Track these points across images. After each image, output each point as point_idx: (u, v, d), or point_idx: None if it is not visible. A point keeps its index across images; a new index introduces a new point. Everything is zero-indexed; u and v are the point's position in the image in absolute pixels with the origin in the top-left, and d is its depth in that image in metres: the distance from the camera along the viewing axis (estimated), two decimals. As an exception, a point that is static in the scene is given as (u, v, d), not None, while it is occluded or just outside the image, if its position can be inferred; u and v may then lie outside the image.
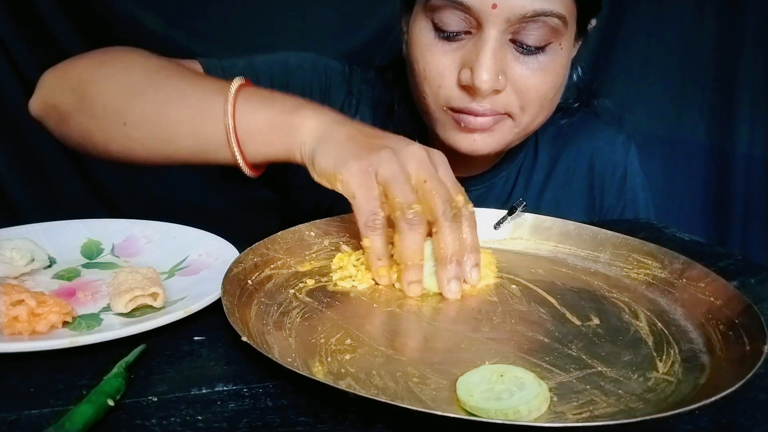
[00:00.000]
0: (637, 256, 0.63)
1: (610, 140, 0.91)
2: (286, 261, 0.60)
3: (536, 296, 0.57)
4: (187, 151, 0.65)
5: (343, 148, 0.58)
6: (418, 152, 0.57)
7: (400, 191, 0.54)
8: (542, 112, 0.76)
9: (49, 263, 0.59)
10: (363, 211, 0.55)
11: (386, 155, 0.55)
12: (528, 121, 0.75)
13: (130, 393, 0.40)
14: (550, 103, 0.76)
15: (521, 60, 0.70)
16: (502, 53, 0.69)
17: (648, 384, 0.43)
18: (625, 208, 0.90)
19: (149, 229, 0.65)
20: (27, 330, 0.45)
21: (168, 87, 0.66)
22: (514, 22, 0.67)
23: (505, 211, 0.71)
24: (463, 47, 0.70)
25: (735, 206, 1.50)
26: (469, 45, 0.70)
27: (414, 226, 0.54)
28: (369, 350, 0.46)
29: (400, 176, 0.55)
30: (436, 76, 0.72)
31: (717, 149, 1.50)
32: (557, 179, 0.89)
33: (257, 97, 0.63)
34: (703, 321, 0.52)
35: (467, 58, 0.69)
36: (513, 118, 0.74)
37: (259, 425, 0.38)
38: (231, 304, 0.48)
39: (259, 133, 0.62)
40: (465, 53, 0.70)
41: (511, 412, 0.38)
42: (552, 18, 0.68)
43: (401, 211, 0.54)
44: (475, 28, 0.69)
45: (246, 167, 0.64)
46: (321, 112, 0.62)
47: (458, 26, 0.69)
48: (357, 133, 0.59)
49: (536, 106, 0.74)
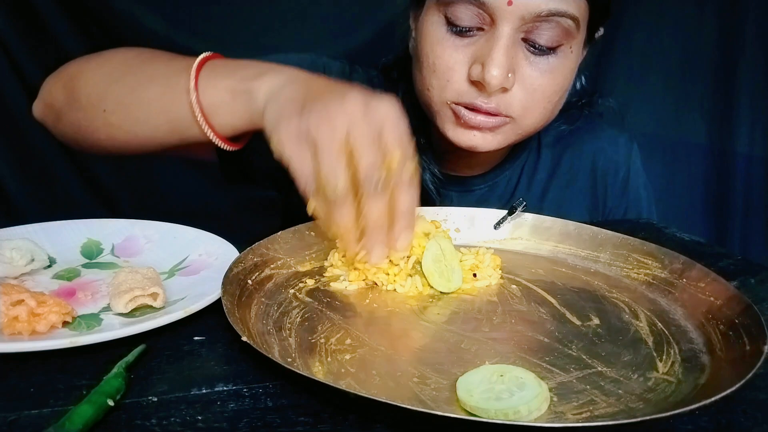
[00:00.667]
0: (637, 256, 0.63)
1: (613, 140, 0.91)
2: (286, 261, 0.60)
3: (536, 296, 0.57)
4: (164, 131, 0.66)
5: (281, 109, 0.56)
6: (352, 109, 0.52)
7: (325, 158, 0.51)
8: (545, 115, 0.75)
9: (49, 263, 0.59)
10: (298, 177, 0.53)
11: (316, 116, 0.52)
12: (529, 124, 0.75)
13: (130, 393, 0.40)
14: (553, 106, 0.75)
15: (531, 60, 0.70)
16: (513, 51, 0.69)
17: (648, 384, 0.43)
18: (628, 208, 0.90)
19: (149, 229, 0.65)
20: (27, 330, 0.45)
21: (141, 70, 0.67)
22: (528, 20, 0.67)
23: (505, 211, 0.71)
24: (474, 43, 0.70)
25: (735, 206, 1.49)
26: (481, 41, 0.69)
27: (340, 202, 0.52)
28: (369, 350, 0.46)
29: (326, 141, 0.51)
30: (445, 70, 0.72)
31: (717, 149, 1.49)
32: (560, 179, 0.89)
33: (221, 69, 0.63)
34: (703, 321, 0.52)
35: (479, 54, 0.69)
36: (514, 120, 0.73)
37: (259, 425, 0.38)
38: (231, 304, 0.48)
39: (223, 103, 0.62)
40: (477, 49, 0.70)
41: (511, 412, 0.38)
42: (566, 19, 0.67)
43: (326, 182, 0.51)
44: (488, 25, 0.68)
45: (219, 140, 0.64)
46: (280, 73, 0.60)
47: (471, 21, 0.69)
48: (300, 93, 0.57)
49: (540, 108, 0.73)
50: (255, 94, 0.60)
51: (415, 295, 0.57)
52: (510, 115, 0.72)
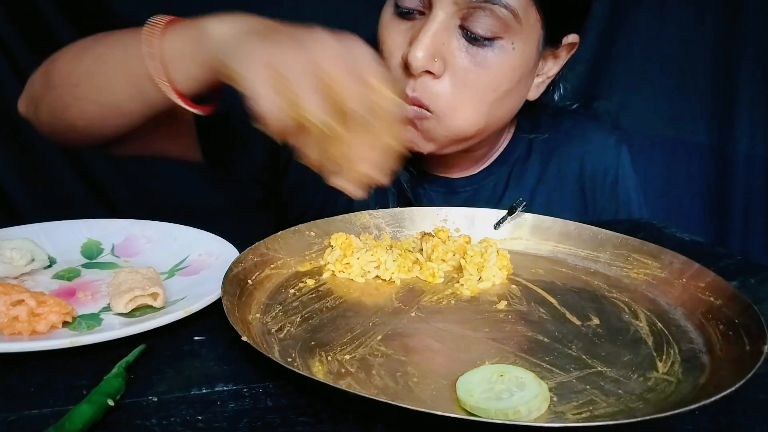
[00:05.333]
0: (637, 256, 0.63)
1: (602, 143, 0.90)
2: (286, 261, 0.60)
3: (536, 296, 0.57)
4: (126, 95, 0.64)
5: (243, 43, 0.52)
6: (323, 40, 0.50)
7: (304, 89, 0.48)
8: (477, 117, 0.72)
9: (49, 263, 0.59)
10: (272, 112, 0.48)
11: (286, 47, 0.49)
12: (459, 125, 0.71)
13: (130, 393, 0.40)
14: (488, 107, 0.72)
15: (466, 50, 0.68)
16: (446, 36, 0.68)
17: (648, 384, 0.43)
18: (617, 211, 0.89)
19: (149, 229, 0.65)
20: (27, 330, 0.45)
21: (106, 40, 0.67)
22: (463, 6, 0.66)
23: (505, 211, 0.71)
24: (414, 27, 0.70)
25: (735, 206, 1.49)
26: (418, 25, 0.69)
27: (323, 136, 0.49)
28: (369, 350, 0.46)
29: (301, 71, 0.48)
30: (387, 55, 0.71)
31: (717, 149, 1.49)
32: (548, 183, 0.88)
33: (179, 24, 0.61)
34: (703, 321, 0.52)
35: (412, 38, 0.69)
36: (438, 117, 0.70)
37: (259, 425, 0.38)
38: (231, 304, 0.48)
39: (179, 54, 0.59)
40: (414, 33, 0.69)
41: (511, 412, 0.38)
42: (501, 8, 0.66)
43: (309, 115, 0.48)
44: (427, 9, 0.68)
45: (178, 98, 0.60)
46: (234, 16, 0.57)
47: (413, 3, 0.69)
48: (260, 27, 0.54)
49: (470, 107, 0.71)
50: (209, 33, 0.56)
51: (415, 294, 0.57)
52: (432, 110, 0.70)
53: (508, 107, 0.76)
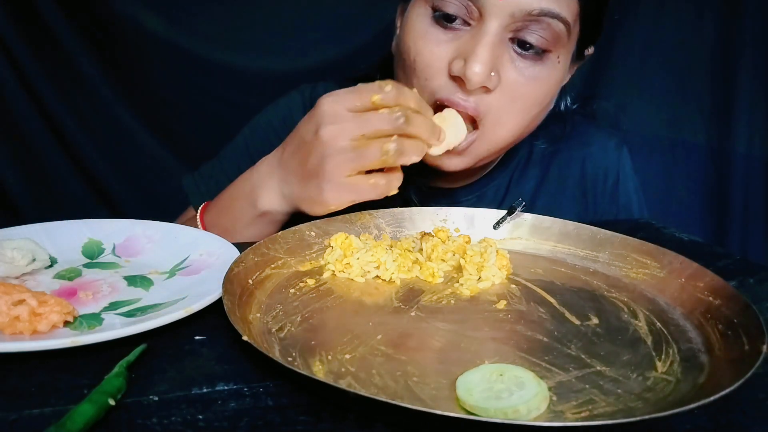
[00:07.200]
0: (636, 256, 0.63)
1: (602, 145, 0.90)
2: (287, 261, 0.60)
3: (536, 296, 0.57)
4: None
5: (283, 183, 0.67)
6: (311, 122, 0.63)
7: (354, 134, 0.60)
8: (518, 129, 0.72)
9: (50, 263, 0.59)
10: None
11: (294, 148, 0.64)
12: (500, 136, 0.72)
13: (131, 392, 0.40)
14: (530, 121, 0.73)
15: (517, 64, 0.68)
16: (500, 50, 0.67)
17: (647, 383, 0.43)
18: (618, 213, 0.89)
19: (150, 229, 0.65)
20: (28, 330, 0.46)
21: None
22: (518, 18, 0.65)
23: (505, 211, 0.71)
24: (458, 38, 0.67)
25: (734, 206, 1.49)
26: (467, 36, 0.67)
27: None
28: (369, 350, 0.46)
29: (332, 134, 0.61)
30: (425, 67, 0.69)
31: (717, 149, 1.49)
32: (549, 187, 0.88)
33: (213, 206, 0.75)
34: (702, 321, 0.52)
35: (462, 49, 0.67)
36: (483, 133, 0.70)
37: (260, 424, 0.38)
38: (232, 304, 0.48)
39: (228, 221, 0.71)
40: (461, 44, 0.67)
41: (511, 412, 0.38)
42: (557, 21, 0.66)
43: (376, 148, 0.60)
44: (475, 20, 0.66)
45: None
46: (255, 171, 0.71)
47: (458, 11, 0.66)
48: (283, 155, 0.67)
49: (517, 119, 0.71)
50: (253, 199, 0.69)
51: (415, 294, 0.57)
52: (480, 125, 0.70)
53: (539, 119, 0.76)
